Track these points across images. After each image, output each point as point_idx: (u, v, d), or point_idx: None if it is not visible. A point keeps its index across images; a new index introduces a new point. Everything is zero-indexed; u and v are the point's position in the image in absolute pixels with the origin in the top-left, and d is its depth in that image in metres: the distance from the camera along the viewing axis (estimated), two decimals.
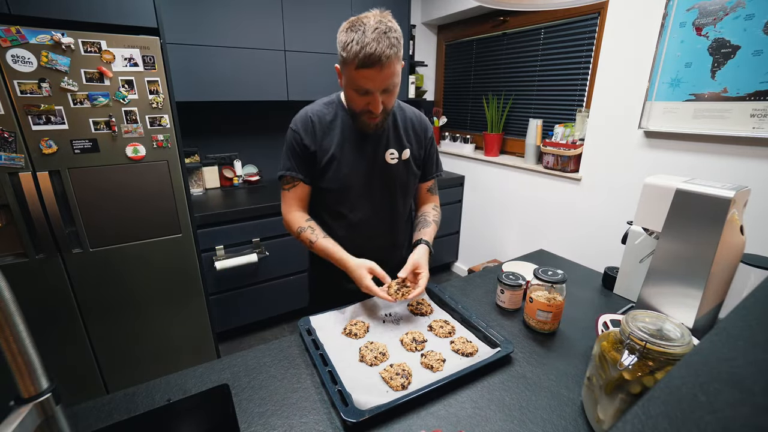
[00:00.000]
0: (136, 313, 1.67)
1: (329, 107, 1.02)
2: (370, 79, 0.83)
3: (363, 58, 0.80)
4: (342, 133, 1.00)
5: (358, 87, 0.86)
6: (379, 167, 1.03)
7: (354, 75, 0.84)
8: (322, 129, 0.99)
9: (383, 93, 0.88)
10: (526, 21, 2.35)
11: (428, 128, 1.12)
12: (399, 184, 1.07)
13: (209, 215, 1.91)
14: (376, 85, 0.85)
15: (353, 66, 0.83)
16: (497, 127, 2.58)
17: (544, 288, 0.89)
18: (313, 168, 1.01)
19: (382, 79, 0.84)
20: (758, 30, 1.33)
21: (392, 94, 0.91)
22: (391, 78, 0.85)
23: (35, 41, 1.28)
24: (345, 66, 0.86)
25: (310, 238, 0.99)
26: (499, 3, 0.97)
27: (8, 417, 0.39)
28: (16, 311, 0.40)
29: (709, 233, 0.79)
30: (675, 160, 1.65)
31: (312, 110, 1.01)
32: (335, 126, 1.00)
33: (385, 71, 0.83)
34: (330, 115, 1.01)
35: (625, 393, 0.56)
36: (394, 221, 1.11)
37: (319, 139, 0.99)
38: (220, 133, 2.43)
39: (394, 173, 1.05)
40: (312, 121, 0.99)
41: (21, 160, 1.33)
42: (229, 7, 1.97)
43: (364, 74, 0.83)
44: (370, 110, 0.90)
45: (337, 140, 0.99)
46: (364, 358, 0.79)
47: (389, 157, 1.03)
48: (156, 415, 0.69)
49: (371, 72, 0.82)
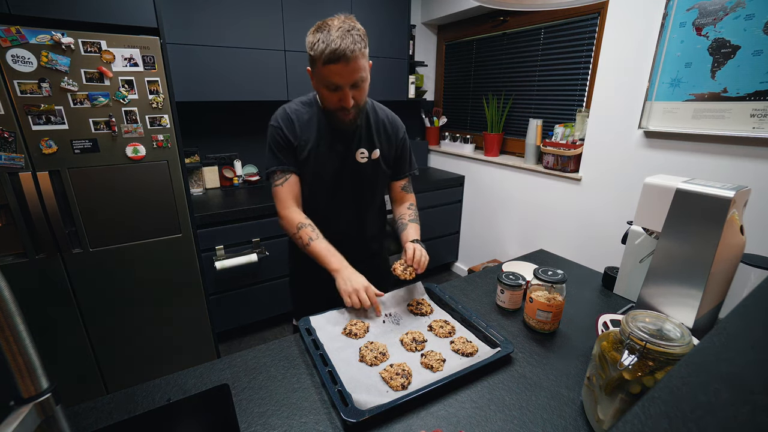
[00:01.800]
0: (136, 313, 1.67)
1: (306, 106, 1.07)
2: (338, 74, 0.89)
3: (329, 53, 0.86)
4: (318, 130, 1.05)
5: (327, 83, 0.92)
6: (350, 165, 1.08)
7: (323, 72, 0.90)
8: (300, 125, 1.04)
9: (352, 88, 0.93)
10: (526, 21, 2.35)
11: (399, 128, 1.16)
12: (367, 183, 1.12)
13: (209, 215, 1.91)
14: (344, 80, 0.90)
15: (321, 63, 0.88)
16: (497, 127, 2.58)
17: (544, 288, 0.89)
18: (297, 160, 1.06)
19: (349, 73, 0.89)
20: (758, 30, 1.33)
21: (362, 90, 0.96)
22: (358, 72, 0.91)
23: (35, 41, 1.28)
24: (314, 65, 0.92)
25: (310, 236, 1.00)
26: (499, 3, 0.97)
27: (8, 417, 0.39)
28: (16, 311, 0.40)
29: (709, 233, 0.79)
30: (675, 160, 1.65)
31: (290, 108, 1.06)
32: (312, 123, 1.05)
33: (351, 65, 0.88)
34: (307, 113, 1.06)
35: (625, 393, 0.56)
36: (362, 215, 1.16)
37: (298, 135, 1.04)
38: (220, 133, 2.43)
39: (363, 171, 1.10)
40: (290, 118, 1.04)
41: (21, 160, 1.33)
42: (229, 7, 1.97)
43: (331, 69, 0.88)
44: (342, 106, 0.95)
45: (314, 137, 1.04)
46: (364, 358, 0.79)
47: (359, 156, 1.09)
48: (156, 415, 0.69)
49: (338, 67, 0.88)
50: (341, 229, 1.13)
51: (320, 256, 0.98)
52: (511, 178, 2.50)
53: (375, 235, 1.24)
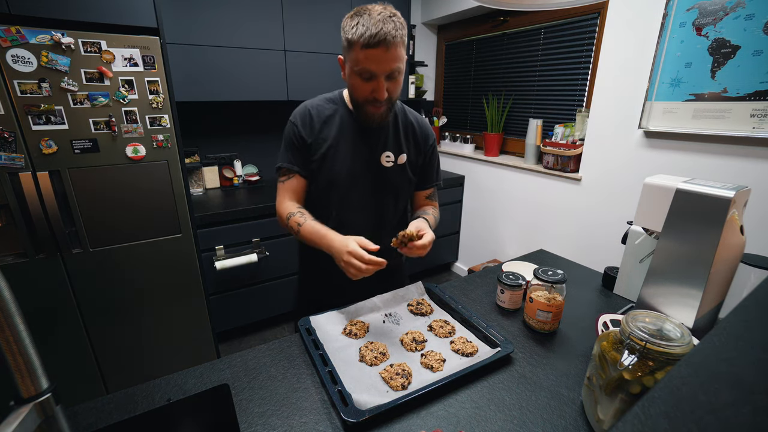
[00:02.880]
0: (136, 313, 1.67)
1: (330, 103, 1.01)
2: (375, 60, 0.83)
3: (369, 37, 0.80)
4: (340, 128, 0.99)
5: (362, 70, 0.85)
6: (373, 168, 1.01)
7: (359, 57, 0.84)
8: (320, 122, 0.99)
9: (388, 79, 0.87)
10: (526, 21, 2.35)
11: (430, 135, 1.10)
12: (391, 188, 1.04)
13: (209, 215, 1.91)
14: (380, 67, 0.84)
15: (358, 47, 0.83)
16: (497, 127, 2.58)
17: (544, 288, 0.89)
18: (308, 162, 1.00)
19: (387, 61, 0.84)
20: (758, 30, 1.33)
21: (397, 83, 0.90)
22: (396, 62, 0.85)
23: (35, 41, 1.28)
24: (350, 50, 0.85)
25: (298, 222, 0.96)
26: (499, 3, 0.97)
27: (8, 417, 0.39)
28: (16, 311, 0.40)
29: (709, 233, 0.79)
30: (675, 160, 1.65)
31: (312, 104, 1.01)
32: (333, 121, 0.99)
33: (390, 52, 0.83)
34: (330, 110, 1.00)
35: (625, 393, 0.56)
36: (381, 225, 1.07)
37: (315, 132, 0.98)
38: (220, 133, 2.43)
39: (387, 176, 1.03)
40: (310, 114, 0.99)
41: (21, 160, 1.33)
42: (229, 7, 1.97)
43: (369, 55, 0.83)
44: (374, 98, 0.88)
45: (334, 134, 0.98)
46: (364, 358, 0.79)
47: (384, 159, 1.02)
48: (156, 415, 0.69)
49: (377, 52, 0.82)
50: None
51: (311, 240, 0.93)
52: (511, 178, 2.50)
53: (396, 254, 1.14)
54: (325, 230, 0.92)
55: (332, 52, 2.32)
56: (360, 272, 0.81)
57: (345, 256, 0.82)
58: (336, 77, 2.36)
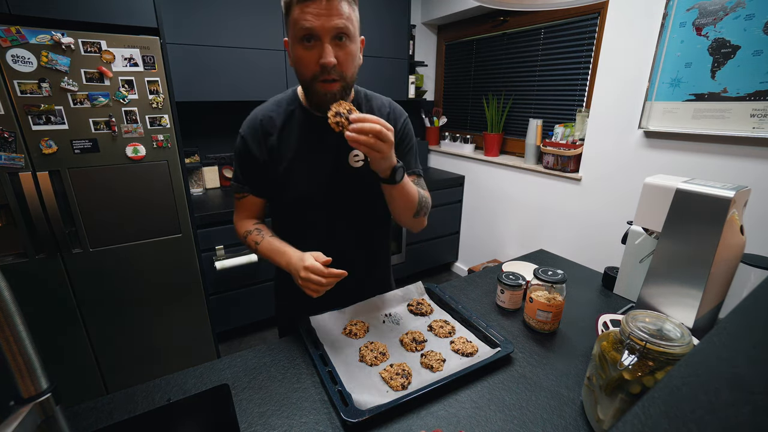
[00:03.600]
0: (136, 314, 1.67)
1: (281, 105, 0.89)
2: (315, 14, 0.71)
3: None
4: (301, 133, 0.87)
5: (301, 31, 0.73)
6: (341, 172, 0.89)
7: (297, 16, 0.72)
8: (274, 134, 0.87)
9: (334, 41, 0.74)
10: (526, 21, 2.35)
11: (399, 115, 0.95)
12: (366, 191, 0.91)
13: (209, 215, 1.91)
14: (322, 22, 0.71)
15: (295, 3, 0.72)
16: (497, 127, 2.58)
17: (544, 288, 0.89)
18: (265, 180, 0.90)
19: (328, 14, 0.71)
20: (758, 30, 1.33)
21: (348, 52, 0.76)
22: (339, 17, 0.72)
23: (35, 41, 1.28)
24: (289, 14, 0.75)
25: (255, 240, 0.90)
26: (499, 3, 0.97)
27: (8, 417, 0.39)
28: (16, 311, 0.40)
29: (709, 233, 0.79)
30: (675, 160, 1.65)
31: (262, 111, 0.89)
32: (291, 128, 0.88)
33: (332, 4, 0.71)
34: (283, 114, 0.88)
35: (625, 393, 0.56)
36: (365, 237, 0.98)
37: (269, 146, 0.87)
38: (220, 133, 2.44)
39: (359, 178, 0.90)
40: (262, 125, 0.88)
41: (21, 160, 1.33)
42: (229, 7, 1.97)
43: (306, 9, 0.71)
44: (322, 66, 0.74)
45: (294, 144, 0.87)
46: (364, 358, 0.79)
47: (353, 159, 0.89)
48: (156, 415, 0.69)
49: (315, 4, 0.71)
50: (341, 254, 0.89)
51: (270, 257, 0.87)
52: (511, 178, 2.50)
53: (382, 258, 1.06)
54: (284, 247, 0.85)
55: None
56: (321, 287, 0.74)
57: (302, 272, 0.75)
58: None
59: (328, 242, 0.91)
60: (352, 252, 0.97)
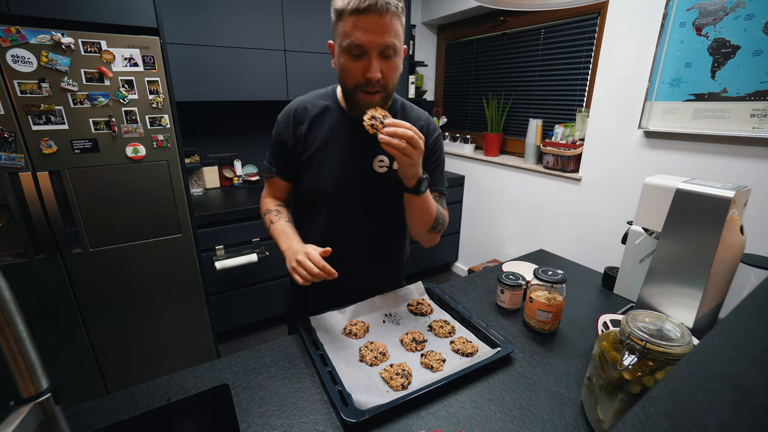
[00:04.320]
0: (136, 314, 1.67)
1: (319, 99, 0.94)
2: (365, 29, 0.73)
3: (359, 1, 0.72)
4: (330, 128, 0.91)
5: (351, 44, 0.75)
6: (364, 175, 0.91)
7: (347, 28, 0.74)
8: (308, 122, 0.91)
9: (381, 58, 0.77)
10: (526, 21, 2.35)
11: (433, 131, 0.97)
12: (384, 198, 0.93)
13: (209, 215, 1.91)
14: (371, 39, 0.74)
15: (347, 14, 0.74)
16: (497, 127, 2.58)
17: (544, 288, 0.89)
18: (291, 165, 0.94)
19: (379, 31, 0.73)
20: (758, 30, 1.33)
21: (392, 66, 0.79)
22: (389, 34, 0.75)
23: (35, 41, 1.28)
24: (338, 22, 0.77)
25: (272, 219, 0.94)
26: (499, 3, 0.97)
27: (8, 417, 0.39)
28: (16, 311, 0.40)
29: (709, 233, 0.79)
30: (675, 160, 1.65)
31: (301, 101, 0.94)
32: (324, 120, 0.91)
33: (383, 20, 0.73)
34: (320, 107, 0.92)
35: (625, 393, 0.56)
36: (377, 238, 0.99)
37: (301, 134, 0.91)
38: (220, 133, 2.44)
39: (379, 184, 0.91)
40: (296, 113, 0.92)
41: (21, 160, 1.33)
42: (229, 7, 1.97)
43: (358, 23, 0.73)
44: (367, 79, 0.77)
45: (323, 136, 0.90)
46: (364, 358, 0.79)
47: (377, 164, 0.90)
48: (156, 415, 0.69)
49: (367, 19, 0.72)
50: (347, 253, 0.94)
51: (275, 239, 0.91)
52: (511, 178, 2.50)
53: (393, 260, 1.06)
54: (292, 233, 0.89)
55: None
56: (310, 275, 0.75)
57: (300, 255, 0.77)
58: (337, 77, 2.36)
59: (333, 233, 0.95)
60: (356, 250, 0.98)
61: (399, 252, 1.08)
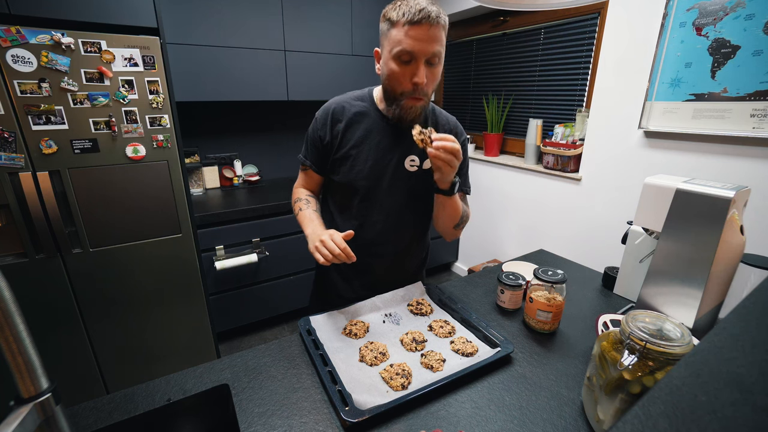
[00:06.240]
0: (136, 313, 1.67)
1: (358, 101, 1.00)
2: (418, 39, 0.81)
3: (413, 13, 0.79)
4: (366, 128, 0.97)
5: (402, 51, 0.82)
6: (395, 173, 0.98)
7: (400, 37, 0.82)
8: (346, 121, 0.97)
9: (427, 65, 0.85)
10: (526, 21, 2.35)
11: (460, 134, 1.07)
12: (413, 195, 1.01)
13: (209, 215, 1.91)
14: (422, 47, 0.81)
15: (401, 25, 0.81)
16: (497, 127, 2.58)
17: (544, 288, 0.89)
18: (326, 160, 1.01)
19: (429, 40, 0.81)
20: (758, 30, 1.33)
21: (435, 72, 0.87)
22: (437, 44, 0.83)
23: (35, 41, 1.28)
24: (390, 30, 0.83)
25: (300, 207, 1.01)
26: (499, 3, 0.97)
27: (8, 417, 0.39)
28: (16, 311, 0.40)
29: (709, 233, 0.79)
30: (675, 160, 1.65)
31: (338, 101, 1.00)
32: (360, 121, 0.97)
33: (433, 31, 0.81)
34: (359, 108, 0.98)
35: (625, 393, 0.56)
36: (402, 232, 1.06)
37: (338, 132, 0.97)
38: (220, 133, 2.44)
39: (409, 182, 0.99)
40: (334, 112, 0.98)
41: (21, 160, 1.33)
42: (229, 7, 1.97)
43: (412, 33, 0.80)
44: (414, 85, 0.85)
45: (359, 135, 0.96)
46: (364, 358, 0.79)
47: (408, 163, 0.98)
48: (156, 415, 0.69)
49: (420, 29, 0.80)
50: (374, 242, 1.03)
51: (301, 224, 0.98)
52: (511, 178, 2.50)
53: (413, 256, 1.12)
54: (318, 219, 0.96)
55: (332, 52, 2.32)
56: (330, 255, 0.81)
57: (324, 235, 0.84)
58: (337, 77, 2.36)
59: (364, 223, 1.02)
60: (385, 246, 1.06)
61: (421, 243, 1.14)
